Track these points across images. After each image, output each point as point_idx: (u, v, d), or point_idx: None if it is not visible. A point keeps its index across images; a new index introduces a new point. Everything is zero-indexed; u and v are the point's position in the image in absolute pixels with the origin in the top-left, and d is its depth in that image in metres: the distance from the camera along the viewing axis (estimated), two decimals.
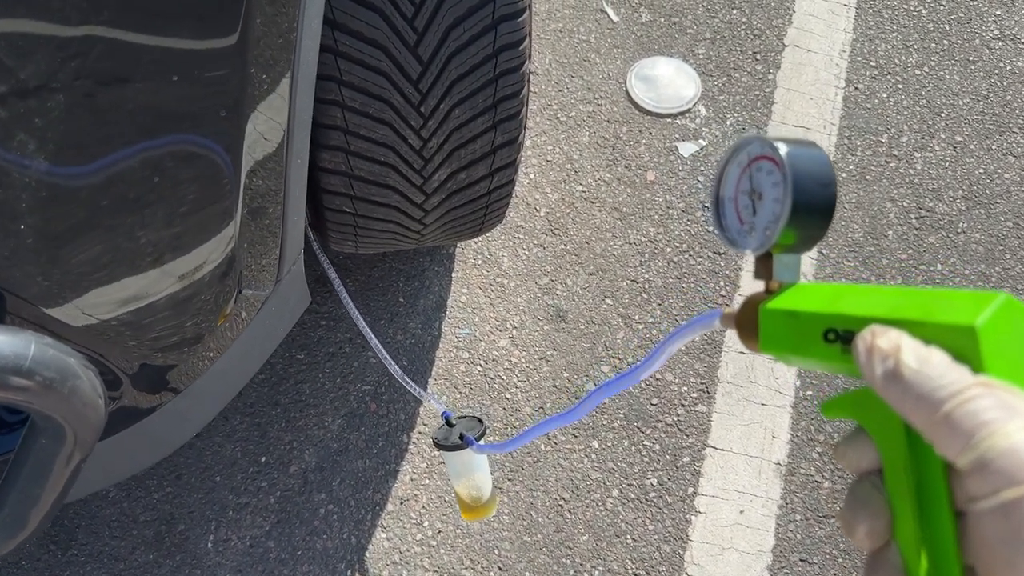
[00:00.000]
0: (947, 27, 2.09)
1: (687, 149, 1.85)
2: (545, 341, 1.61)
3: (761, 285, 0.43)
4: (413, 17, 1.00)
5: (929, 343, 0.32)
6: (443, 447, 1.05)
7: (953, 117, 1.94)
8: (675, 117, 1.90)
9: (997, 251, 1.75)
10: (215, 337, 0.96)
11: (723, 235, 0.45)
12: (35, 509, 0.67)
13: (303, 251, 1.10)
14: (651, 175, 1.82)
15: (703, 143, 1.86)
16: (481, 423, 1.06)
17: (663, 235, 1.74)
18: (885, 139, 1.90)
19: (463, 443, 1.03)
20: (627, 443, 1.51)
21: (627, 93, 1.92)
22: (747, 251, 0.43)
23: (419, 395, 1.13)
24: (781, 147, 0.40)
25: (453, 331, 1.61)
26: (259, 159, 0.88)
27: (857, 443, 0.36)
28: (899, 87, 1.98)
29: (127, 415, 0.93)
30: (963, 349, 0.31)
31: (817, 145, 0.41)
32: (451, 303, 1.65)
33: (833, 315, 0.36)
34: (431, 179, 1.16)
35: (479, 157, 1.17)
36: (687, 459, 1.50)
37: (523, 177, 1.80)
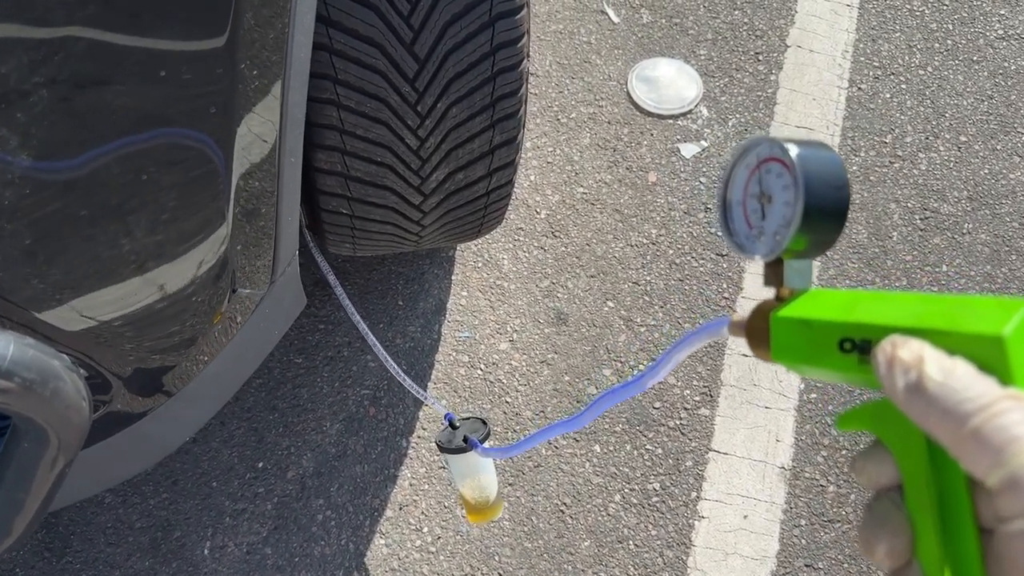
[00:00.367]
0: (951, 27, 2.07)
1: (689, 150, 1.84)
2: (546, 344, 1.59)
3: (771, 292, 0.41)
4: (409, 14, 0.99)
5: (953, 353, 0.31)
6: (447, 450, 1.03)
7: (957, 117, 1.92)
8: (677, 118, 1.88)
9: (1003, 252, 1.73)
10: (208, 339, 0.95)
11: (731, 240, 0.43)
12: (19, 516, 0.65)
13: (298, 252, 1.08)
14: (653, 176, 1.80)
15: (705, 144, 1.85)
16: (485, 424, 1.04)
17: (665, 237, 1.72)
18: (889, 140, 1.88)
19: (467, 446, 1.01)
20: (629, 447, 1.49)
21: (628, 94, 1.91)
22: (756, 257, 0.41)
23: (420, 396, 1.11)
24: (791, 148, 0.39)
25: (453, 334, 1.60)
26: (251, 158, 0.86)
27: (875, 457, 0.34)
28: (903, 87, 1.96)
29: (118, 419, 0.92)
30: (989, 360, 0.30)
31: (828, 146, 0.40)
32: (451, 306, 1.63)
33: (849, 324, 0.35)
34: (429, 179, 1.15)
35: (477, 157, 1.15)
36: (690, 463, 1.48)
37: (523, 179, 1.78)
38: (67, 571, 1.35)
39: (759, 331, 0.40)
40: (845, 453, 1.49)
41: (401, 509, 1.43)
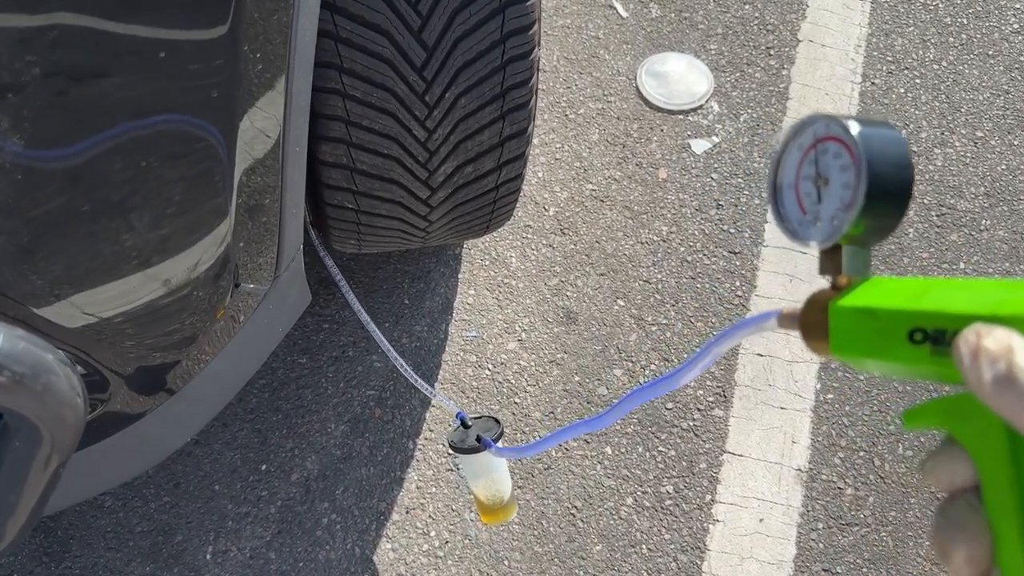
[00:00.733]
0: (965, 21, 2.03)
1: (700, 146, 1.80)
2: (555, 344, 1.56)
3: (821, 283, 0.38)
4: (417, 1, 0.96)
5: None
6: (460, 450, 1.00)
7: (973, 112, 1.88)
8: (687, 114, 1.85)
9: (1022, 249, 1.69)
10: (210, 336, 0.91)
11: (783, 226, 0.41)
12: (11, 519, 0.62)
13: (303, 248, 1.05)
14: (663, 173, 1.77)
15: (716, 140, 1.81)
16: (498, 423, 1.01)
17: (676, 234, 1.69)
18: (903, 135, 1.84)
19: (480, 446, 0.97)
20: (641, 449, 1.45)
21: (637, 90, 1.88)
22: (811, 243, 0.39)
23: (429, 394, 1.08)
24: (852, 126, 0.36)
25: (460, 334, 1.56)
26: (254, 149, 0.83)
27: (949, 457, 0.31)
28: (917, 82, 1.93)
29: (117, 418, 0.89)
30: None
31: (890, 123, 0.37)
32: (458, 305, 1.60)
33: (921, 312, 0.32)
34: (436, 172, 1.11)
35: (487, 149, 1.12)
36: (704, 465, 1.44)
37: (531, 176, 1.75)
38: None
39: (815, 324, 0.37)
40: (863, 455, 1.46)
41: (408, 512, 1.39)
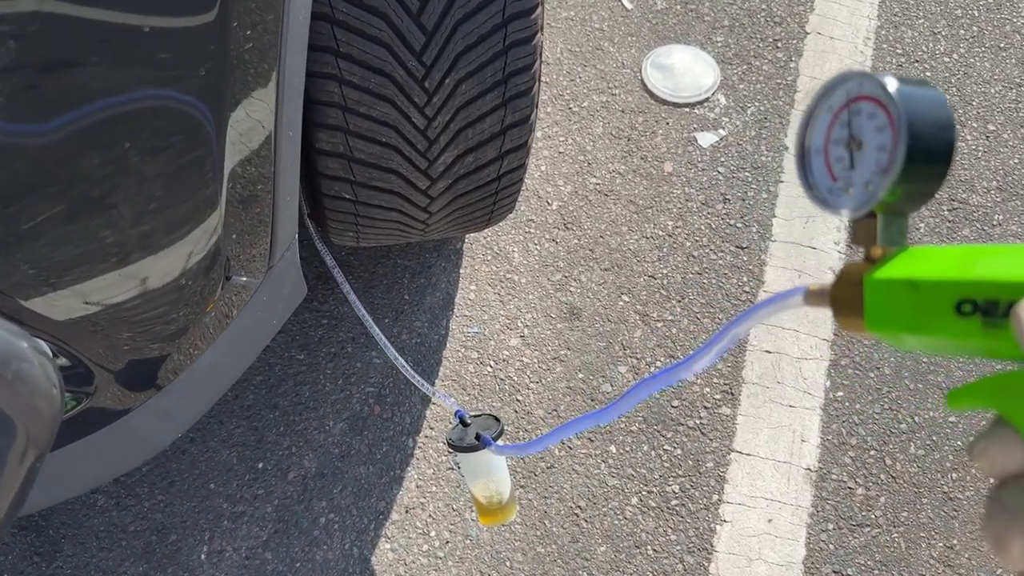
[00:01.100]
0: (976, 13, 2.00)
1: (706, 139, 1.77)
2: (558, 340, 1.52)
3: (849, 256, 0.35)
4: None
5: None
6: (459, 448, 0.96)
7: (985, 105, 1.85)
8: (693, 107, 1.81)
9: None
10: (201, 329, 0.88)
11: (811, 194, 0.38)
12: None
13: (299, 245, 1.02)
14: (668, 166, 1.73)
15: (723, 133, 1.78)
16: (498, 421, 0.98)
17: (682, 229, 1.65)
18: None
19: (480, 444, 0.94)
20: (647, 447, 1.42)
21: (642, 82, 1.84)
22: (843, 212, 0.36)
23: (427, 391, 1.05)
24: (890, 83, 0.33)
25: (461, 330, 1.53)
26: (245, 136, 0.80)
27: (1001, 440, 0.29)
28: (927, 75, 1.89)
29: (104, 412, 0.85)
30: None
31: (929, 82, 0.34)
32: (459, 300, 1.56)
33: (971, 282, 0.29)
34: (436, 162, 1.08)
35: (488, 138, 1.09)
36: (711, 464, 1.41)
37: (534, 169, 1.72)
38: None
39: (848, 299, 0.34)
40: (874, 454, 1.42)
41: (407, 512, 1.36)
